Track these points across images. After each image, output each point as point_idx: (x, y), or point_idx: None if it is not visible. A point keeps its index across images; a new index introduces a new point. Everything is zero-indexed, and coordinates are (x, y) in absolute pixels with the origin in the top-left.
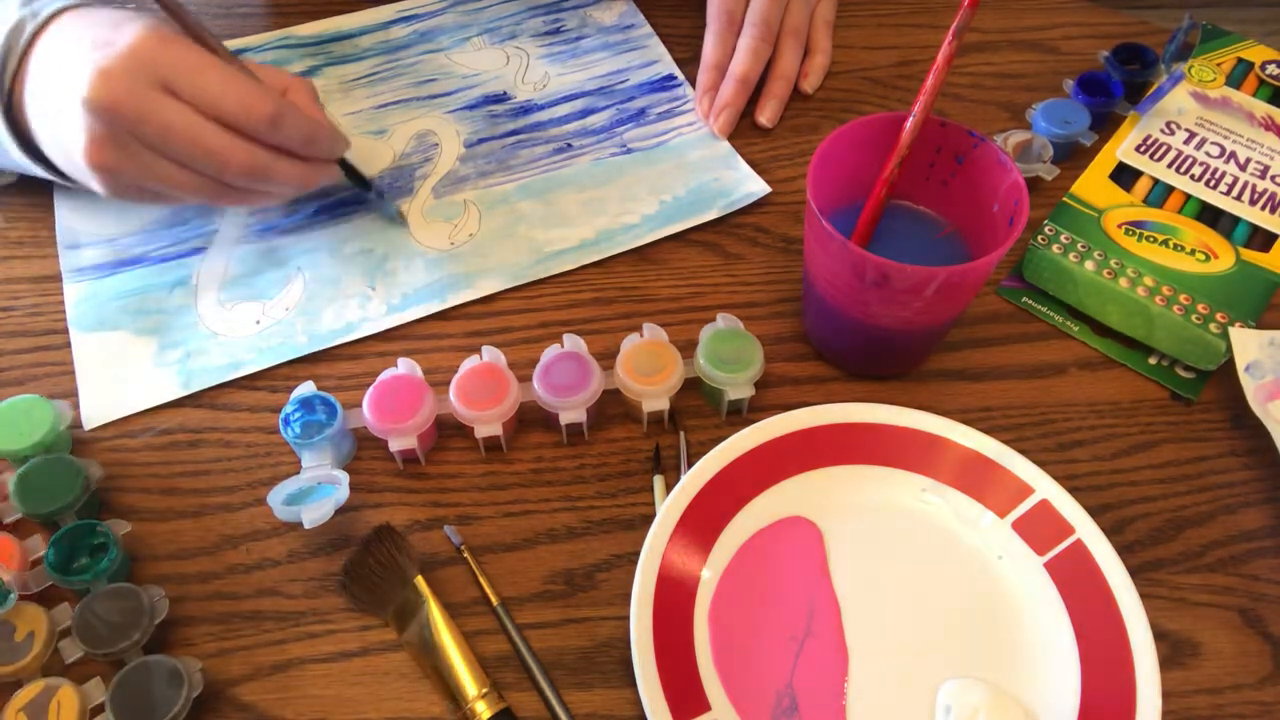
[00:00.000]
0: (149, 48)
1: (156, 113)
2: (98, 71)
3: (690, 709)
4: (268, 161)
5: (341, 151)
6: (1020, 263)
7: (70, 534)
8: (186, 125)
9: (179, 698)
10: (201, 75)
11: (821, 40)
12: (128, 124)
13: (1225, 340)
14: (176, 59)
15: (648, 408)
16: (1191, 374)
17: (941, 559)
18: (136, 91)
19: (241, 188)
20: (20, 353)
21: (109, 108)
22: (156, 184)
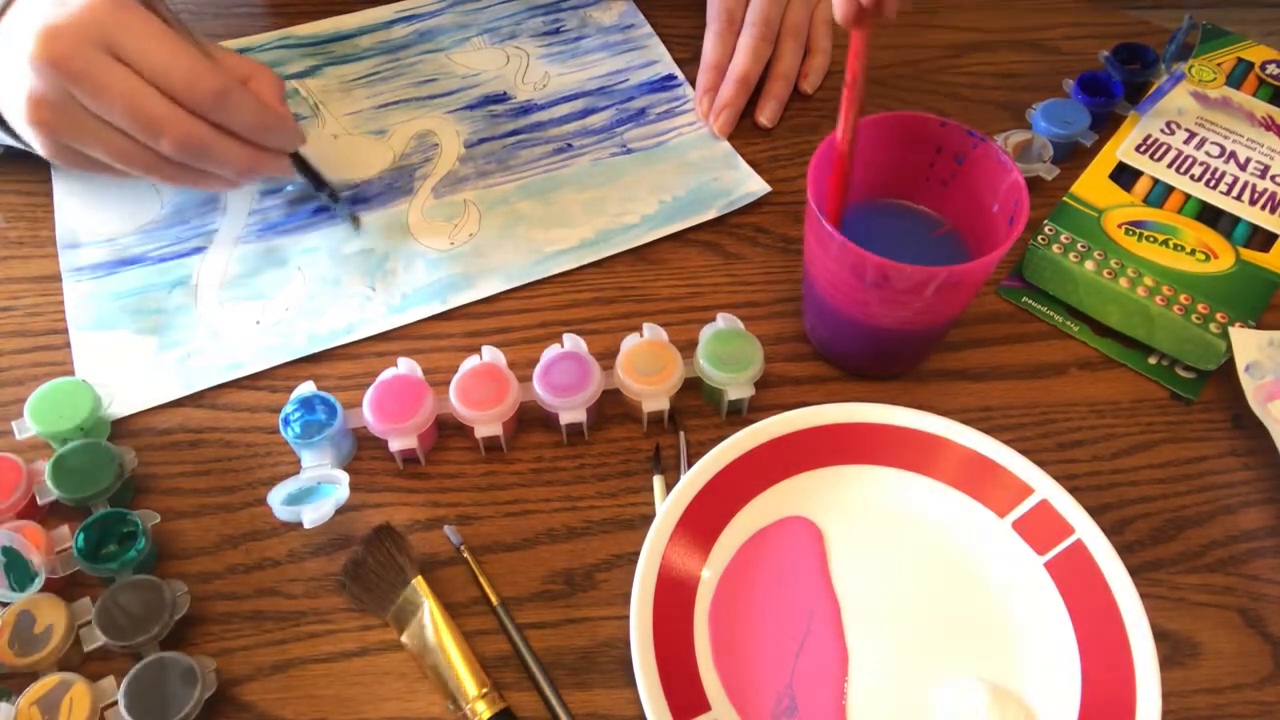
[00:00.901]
0: (103, 11)
1: (96, 74)
2: (45, 28)
3: (690, 709)
4: (208, 138)
5: (294, 146)
6: (1020, 263)
7: (100, 521)
8: (126, 89)
9: (192, 697)
10: (150, 41)
11: (821, 40)
12: (67, 82)
13: (1225, 340)
14: (127, 23)
15: (648, 408)
16: (1191, 374)
17: (941, 559)
18: (80, 51)
19: (181, 163)
20: (20, 353)
21: (50, 64)
22: (94, 147)
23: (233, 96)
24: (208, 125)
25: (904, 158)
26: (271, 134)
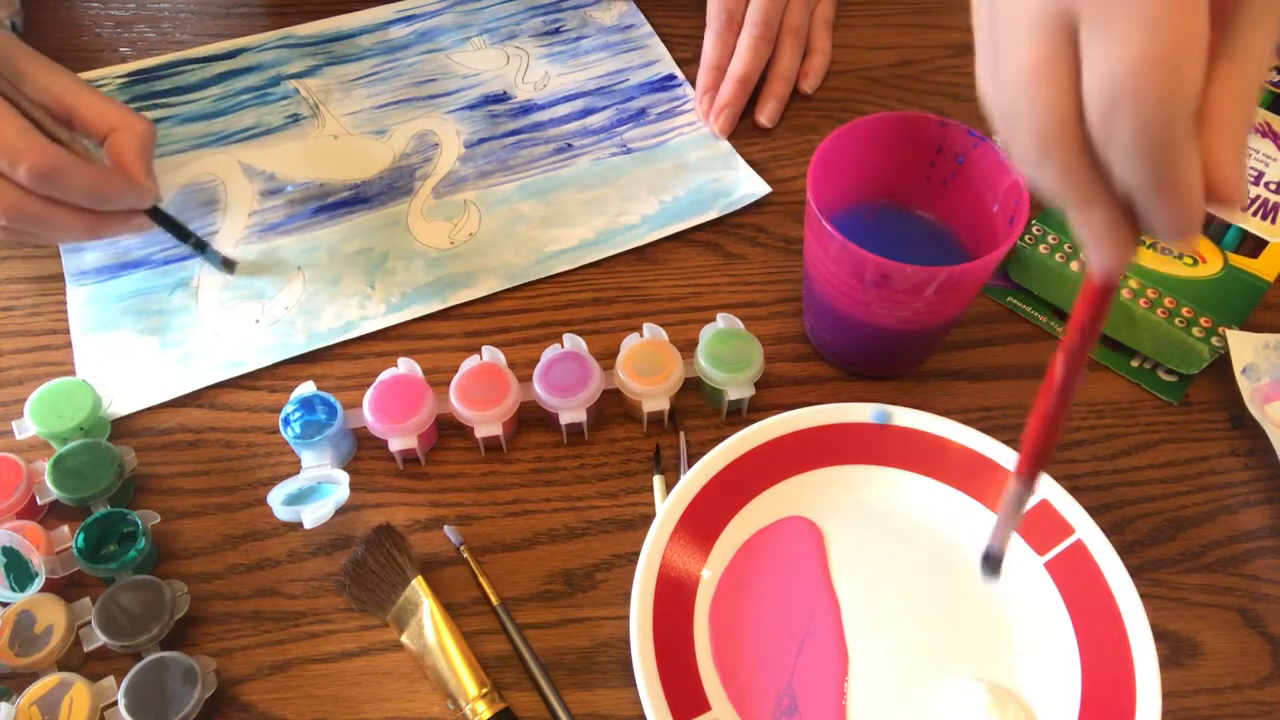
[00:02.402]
0: None
1: None
2: None
3: (690, 709)
4: (39, 211)
5: (144, 205)
6: (1006, 262)
7: (100, 521)
8: None
9: (192, 697)
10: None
11: (821, 40)
12: None
13: (1207, 344)
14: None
15: (648, 408)
16: (1173, 377)
17: (941, 559)
18: None
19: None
20: (20, 353)
21: None
22: None
23: (59, 173)
24: (37, 197)
25: (904, 158)
26: (112, 201)
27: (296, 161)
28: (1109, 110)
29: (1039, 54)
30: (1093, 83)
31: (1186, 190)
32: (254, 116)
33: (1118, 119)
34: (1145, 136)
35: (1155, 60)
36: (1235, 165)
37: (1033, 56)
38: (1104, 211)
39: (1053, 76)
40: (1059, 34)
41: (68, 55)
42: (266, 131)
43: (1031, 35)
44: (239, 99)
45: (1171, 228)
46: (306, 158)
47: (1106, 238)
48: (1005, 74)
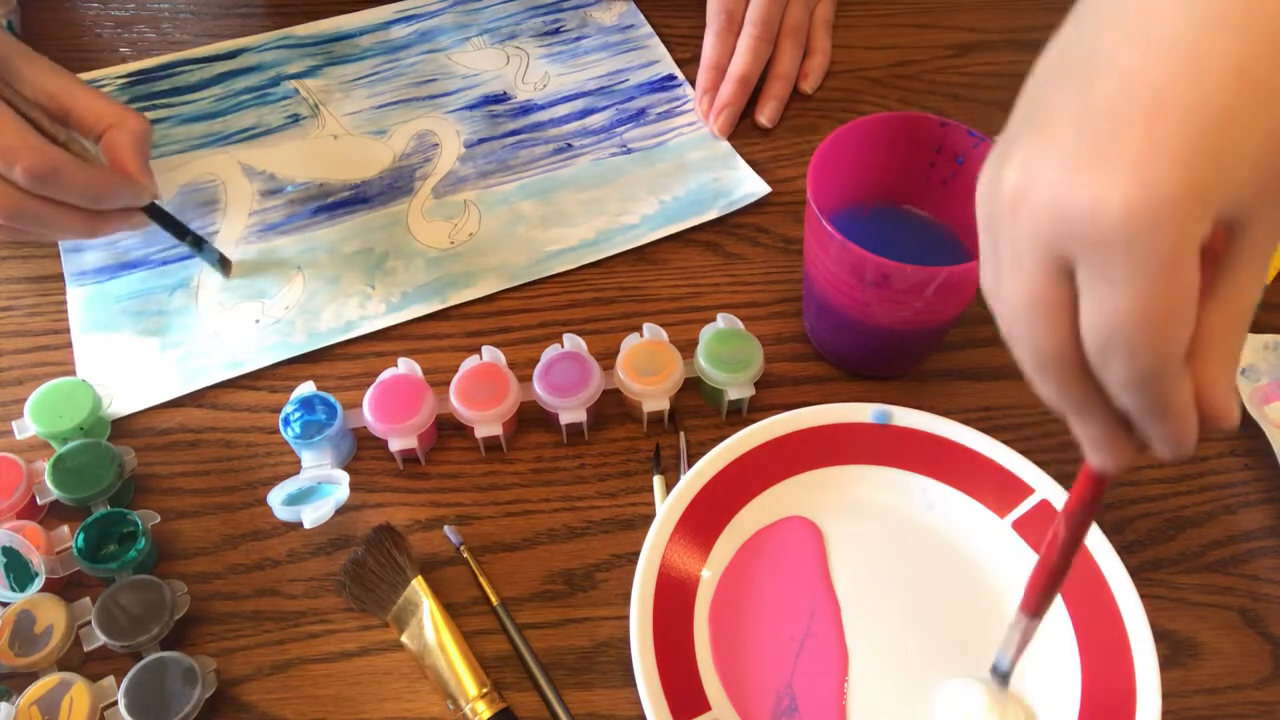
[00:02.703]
0: None
1: None
2: None
3: (690, 709)
4: (36, 211)
5: (141, 202)
6: None
7: (100, 521)
8: None
9: (192, 697)
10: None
11: (821, 40)
12: None
13: None
14: None
15: (648, 408)
16: None
17: (941, 559)
18: None
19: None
20: (20, 353)
21: None
22: None
23: (55, 173)
24: (34, 197)
25: (904, 158)
26: (108, 199)
27: (296, 161)
28: (1103, 352)
29: (1038, 288)
30: (1088, 324)
31: (1179, 418)
32: (254, 116)
33: (1111, 362)
34: (1137, 379)
35: (1147, 315)
36: (1226, 393)
37: (1033, 289)
38: (1101, 424)
39: (1051, 310)
40: (1057, 271)
41: (68, 55)
42: (266, 131)
43: (1031, 269)
44: (239, 99)
45: (1166, 448)
46: (306, 158)
47: (1104, 447)
48: (1007, 297)
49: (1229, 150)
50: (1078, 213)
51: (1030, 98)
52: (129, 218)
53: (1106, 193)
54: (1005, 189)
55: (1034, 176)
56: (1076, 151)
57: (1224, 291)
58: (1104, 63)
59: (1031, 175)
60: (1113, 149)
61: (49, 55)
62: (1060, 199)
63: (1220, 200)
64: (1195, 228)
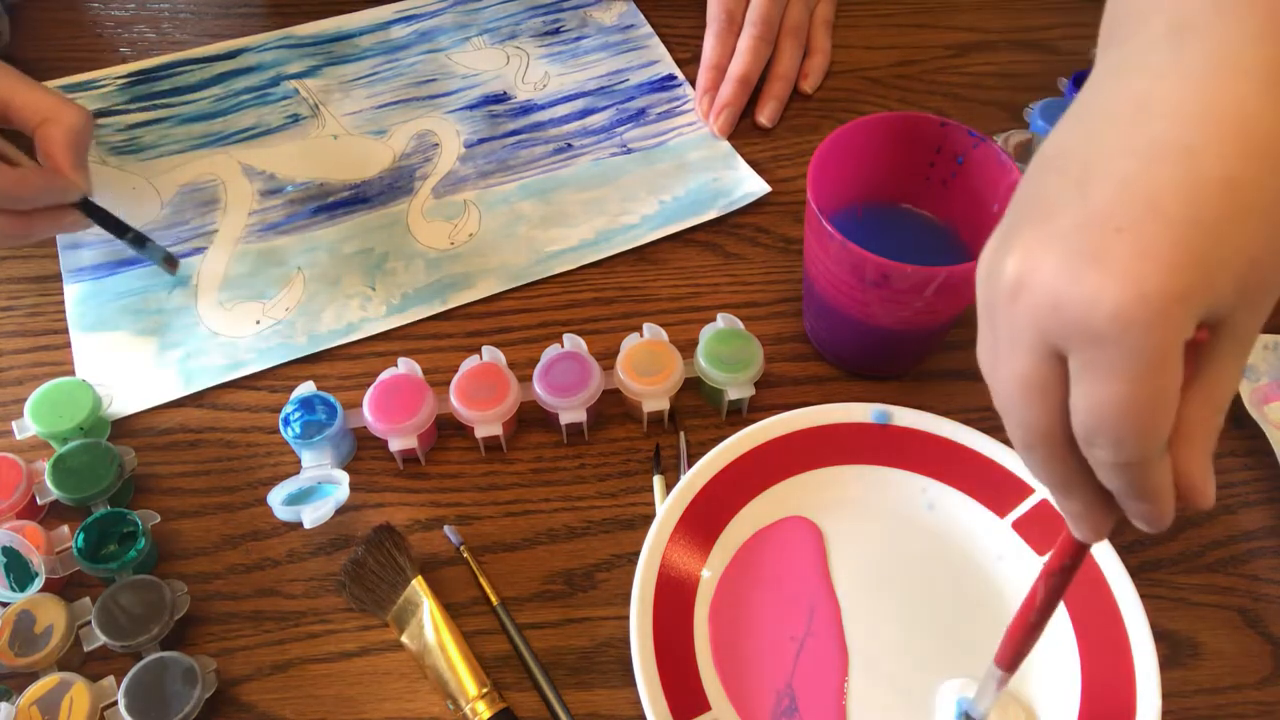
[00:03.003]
0: None
1: None
2: None
3: (690, 709)
4: None
5: (71, 199)
6: None
7: (100, 521)
8: None
9: (192, 697)
10: None
11: (821, 40)
12: None
13: None
14: None
15: (648, 408)
16: None
17: (941, 559)
18: None
19: None
20: (20, 353)
21: None
22: None
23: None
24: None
25: (904, 158)
26: (30, 199)
27: (296, 161)
28: (1090, 437)
29: (1032, 370)
30: (1078, 409)
31: (1158, 498)
32: (254, 116)
33: (1098, 446)
34: (1122, 463)
35: (1134, 406)
36: (1204, 475)
37: (1026, 371)
38: (1084, 500)
39: (1043, 391)
40: (1051, 356)
41: (68, 55)
42: (266, 131)
43: (1026, 352)
44: (239, 99)
45: (1145, 524)
46: (306, 158)
47: (1086, 521)
48: (1001, 375)
49: (1215, 258)
50: (1073, 308)
51: (1031, 190)
52: (61, 217)
53: (1101, 293)
54: (1006, 277)
55: (1034, 269)
56: (1075, 250)
57: (1205, 382)
58: (1102, 167)
59: (1031, 267)
60: (1109, 252)
61: (49, 55)
62: (1057, 293)
63: (1205, 303)
64: (1182, 329)
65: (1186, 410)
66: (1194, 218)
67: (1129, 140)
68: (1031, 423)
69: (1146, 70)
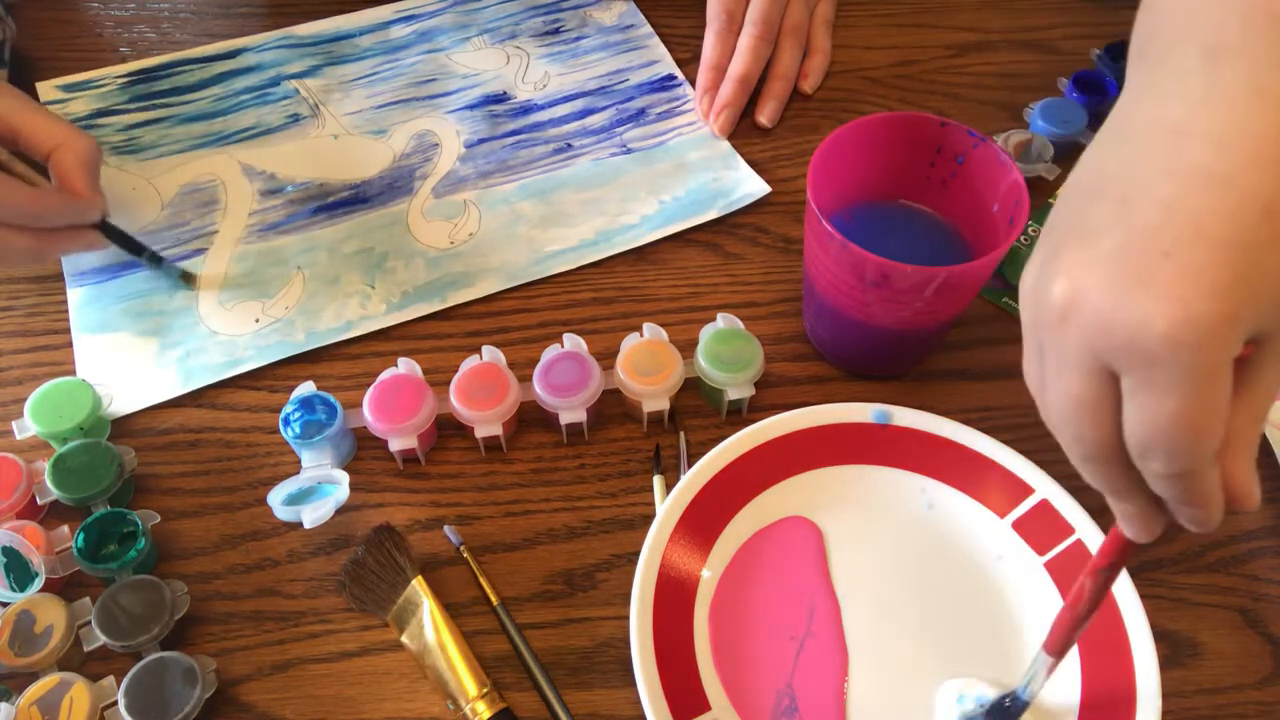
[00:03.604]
0: None
1: None
2: None
3: (690, 709)
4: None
5: (89, 220)
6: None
7: (100, 521)
8: None
9: (192, 697)
10: None
11: (821, 40)
12: None
13: None
14: None
15: (648, 408)
16: None
17: (941, 559)
18: None
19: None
20: (20, 353)
21: None
22: None
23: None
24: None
25: (904, 158)
26: (50, 218)
27: (296, 161)
28: (1144, 451)
29: (1084, 389)
30: (1132, 427)
31: (1209, 504)
32: (254, 116)
33: (1151, 460)
34: (1176, 473)
35: (1188, 421)
36: (1249, 480)
37: (1079, 390)
38: (1138, 506)
39: (1096, 409)
40: (1101, 375)
41: (68, 55)
42: (266, 131)
43: (1077, 372)
44: (239, 99)
45: (1196, 526)
46: (306, 158)
47: (1138, 523)
48: (1053, 396)
49: (1258, 279)
50: (1123, 330)
51: (1070, 214)
52: (81, 237)
53: (1152, 315)
54: (1054, 300)
55: (1082, 292)
56: (1121, 274)
57: (1248, 395)
58: (1143, 191)
59: (1079, 291)
60: (1156, 275)
61: (49, 55)
62: (1107, 317)
63: (1251, 322)
64: (1230, 348)
65: (1232, 421)
66: (1237, 241)
67: (1168, 164)
68: (1086, 438)
69: (1182, 96)
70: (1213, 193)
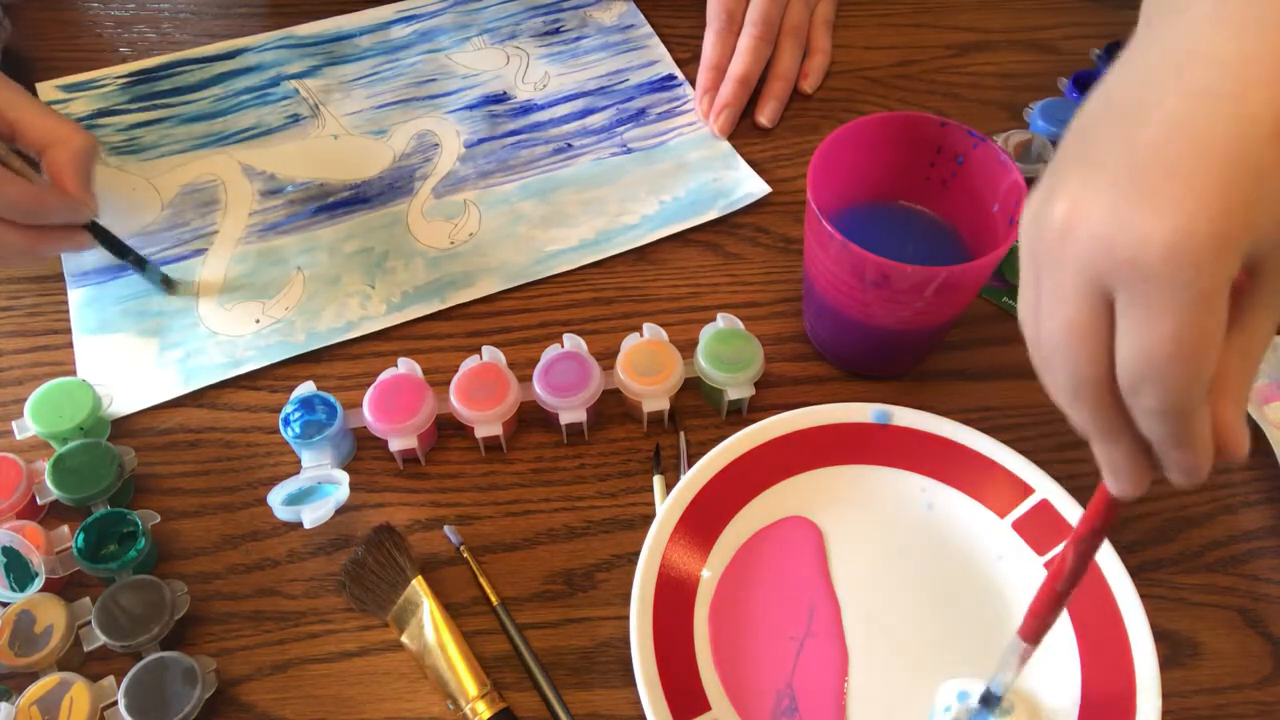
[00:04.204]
0: None
1: None
2: None
3: (690, 709)
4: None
5: (81, 220)
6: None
7: (100, 521)
8: None
9: (192, 697)
10: None
11: (821, 40)
12: None
13: None
14: None
15: (648, 408)
16: None
17: (941, 559)
18: None
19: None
20: (20, 353)
21: None
22: None
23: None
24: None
25: (904, 158)
26: (44, 215)
27: (296, 161)
28: (1136, 383)
29: (1079, 315)
30: (1124, 352)
31: (1198, 447)
32: (254, 117)
33: (1143, 391)
34: (1166, 408)
35: (1181, 344)
36: (1239, 427)
37: (1073, 315)
38: (1126, 448)
39: (1089, 339)
40: (1098, 300)
41: (68, 55)
42: (266, 132)
43: (1074, 296)
44: (239, 99)
45: (1183, 476)
46: (306, 158)
47: (1125, 470)
48: (1046, 326)
49: (1261, 198)
50: (1123, 247)
51: (1077, 136)
52: (71, 236)
53: (1153, 231)
54: (1054, 220)
55: (1083, 211)
56: (1124, 190)
57: (1242, 332)
58: (1150, 109)
59: (1080, 209)
60: (1158, 191)
61: (49, 55)
62: (1107, 233)
63: (1250, 242)
64: (1229, 266)
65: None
66: (1243, 162)
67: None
68: (1078, 369)
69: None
70: (1221, 112)
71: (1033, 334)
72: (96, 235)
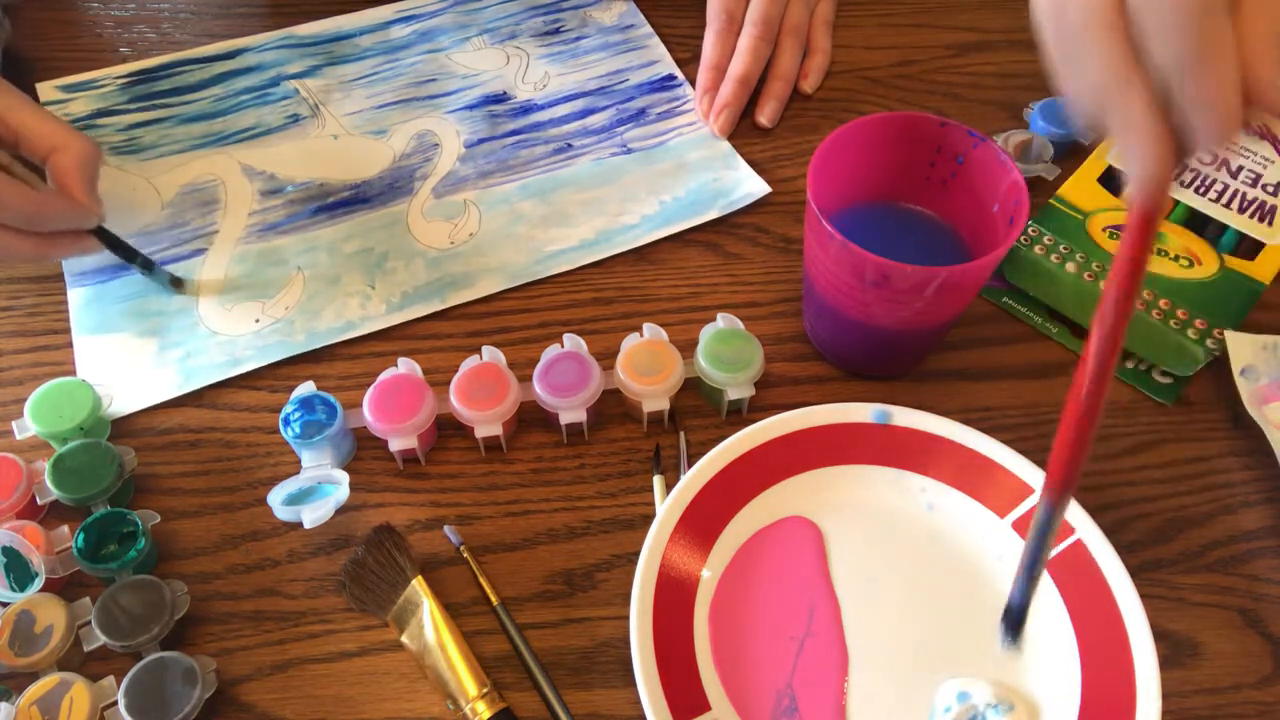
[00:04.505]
0: None
1: None
2: None
3: (690, 709)
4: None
5: (87, 225)
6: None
7: (100, 521)
8: None
9: (192, 697)
10: None
11: (821, 40)
12: None
13: (1202, 346)
14: None
15: (648, 408)
16: (1168, 379)
17: (941, 559)
18: None
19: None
20: (20, 353)
21: None
22: None
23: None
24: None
25: (904, 158)
26: (48, 221)
27: (296, 161)
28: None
29: None
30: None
31: (1219, 69)
32: (254, 117)
33: (1150, 10)
34: (1180, 22)
35: None
36: (1272, 65)
37: None
38: (1142, 102)
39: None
40: None
41: (67, 55)
42: (266, 131)
43: None
44: (239, 99)
45: (1210, 117)
46: (306, 158)
47: (1145, 132)
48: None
49: None
50: None
51: None
52: (77, 241)
53: None
54: None
55: None
56: None
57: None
58: None
59: None
60: None
61: (49, 55)
62: None
63: None
64: None
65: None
66: None
67: None
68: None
69: None
70: None
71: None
72: (103, 240)
